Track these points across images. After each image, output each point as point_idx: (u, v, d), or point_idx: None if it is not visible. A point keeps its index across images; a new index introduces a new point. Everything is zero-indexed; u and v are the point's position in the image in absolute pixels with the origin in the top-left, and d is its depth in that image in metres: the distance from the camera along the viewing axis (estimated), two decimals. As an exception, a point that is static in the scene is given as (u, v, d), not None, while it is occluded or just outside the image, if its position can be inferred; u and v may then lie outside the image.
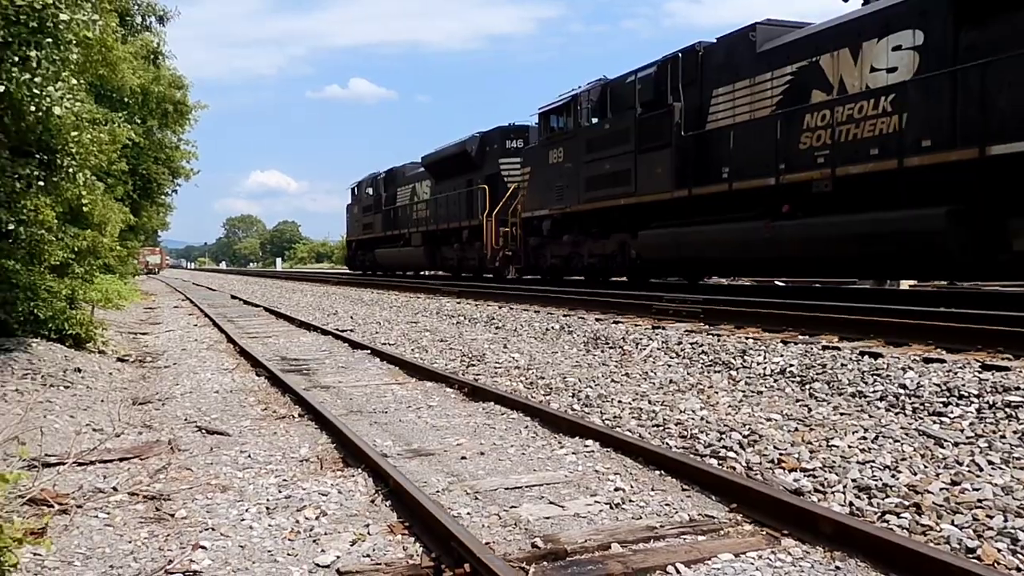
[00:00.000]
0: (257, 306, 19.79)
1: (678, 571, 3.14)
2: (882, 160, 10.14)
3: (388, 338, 11.16)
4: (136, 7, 20.58)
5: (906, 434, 4.72)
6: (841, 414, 5.31)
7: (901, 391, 5.58)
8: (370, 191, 34.55)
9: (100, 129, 9.25)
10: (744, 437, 4.88)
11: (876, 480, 3.99)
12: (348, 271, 40.73)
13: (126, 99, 17.44)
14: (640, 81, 15.15)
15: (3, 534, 3.08)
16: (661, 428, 5.30)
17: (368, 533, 3.61)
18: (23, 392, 6.57)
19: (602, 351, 8.60)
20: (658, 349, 8.19)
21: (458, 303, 15.85)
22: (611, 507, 3.87)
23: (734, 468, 4.41)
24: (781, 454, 4.53)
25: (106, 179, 14.69)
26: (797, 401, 5.77)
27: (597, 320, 10.84)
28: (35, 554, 3.35)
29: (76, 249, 11.19)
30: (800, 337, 8.06)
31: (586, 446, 4.94)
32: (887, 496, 3.82)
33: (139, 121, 19.20)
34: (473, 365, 8.34)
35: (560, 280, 19.32)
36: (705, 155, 13.51)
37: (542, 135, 19.04)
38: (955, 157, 9.20)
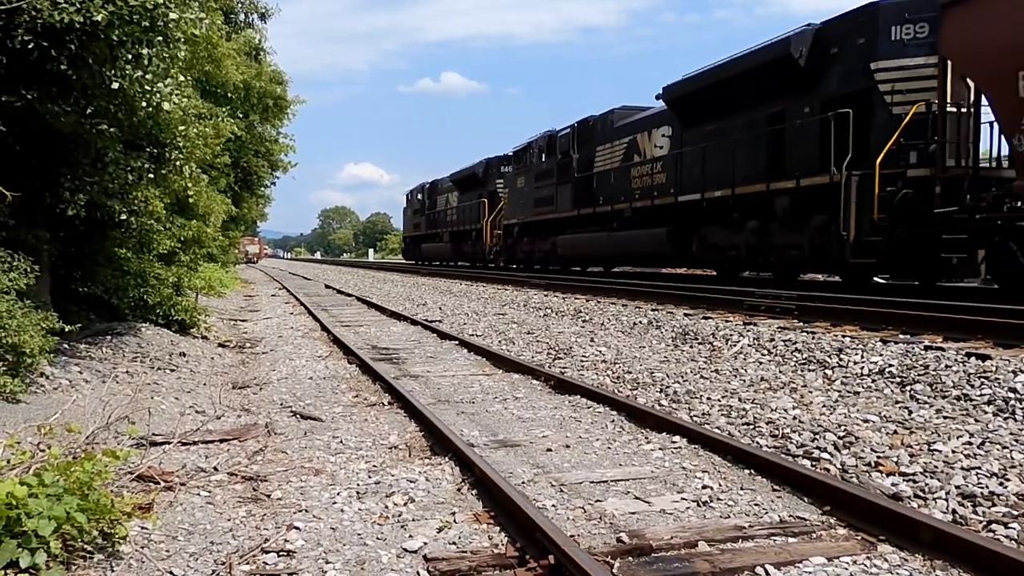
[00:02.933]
0: (349, 295, 20.29)
1: (767, 573, 3.07)
2: (657, 199, 17.57)
3: (476, 329, 11.27)
4: (239, 5, 21.35)
5: (1016, 440, 4.47)
6: (944, 417, 5.08)
7: (1011, 395, 5.29)
8: (420, 197, 43.00)
9: (205, 123, 9.65)
10: (839, 438, 4.73)
11: (982, 487, 3.81)
12: (404, 260, 51.39)
13: (229, 94, 18.13)
14: (560, 138, 23.22)
15: (114, 508, 3.26)
16: (751, 426, 5.19)
17: (454, 521, 3.66)
18: (133, 374, 6.93)
19: (691, 347, 8.47)
20: (749, 346, 8.01)
21: (545, 295, 15.87)
22: (698, 505, 3.82)
23: (828, 470, 4.28)
24: (878, 457, 4.37)
25: (210, 171, 15.29)
26: (896, 403, 5.55)
27: (686, 315, 10.68)
28: (143, 528, 3.53)
29: (182, 239, 11.71)
30: (901, 336, 7.74)
31: (673, 442, 4.88)
32: (994, 505, 3.63)
33: (241, 116, 19.91)
34: (559, 358, 8.34)
35: (530, 268, 26.65)
36: (589, 189, 21.26)
37: (514, 167, 27.58)
38: (669, 201, 16.89)
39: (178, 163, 7.78)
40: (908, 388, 5.85)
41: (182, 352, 8.61)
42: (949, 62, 10.56)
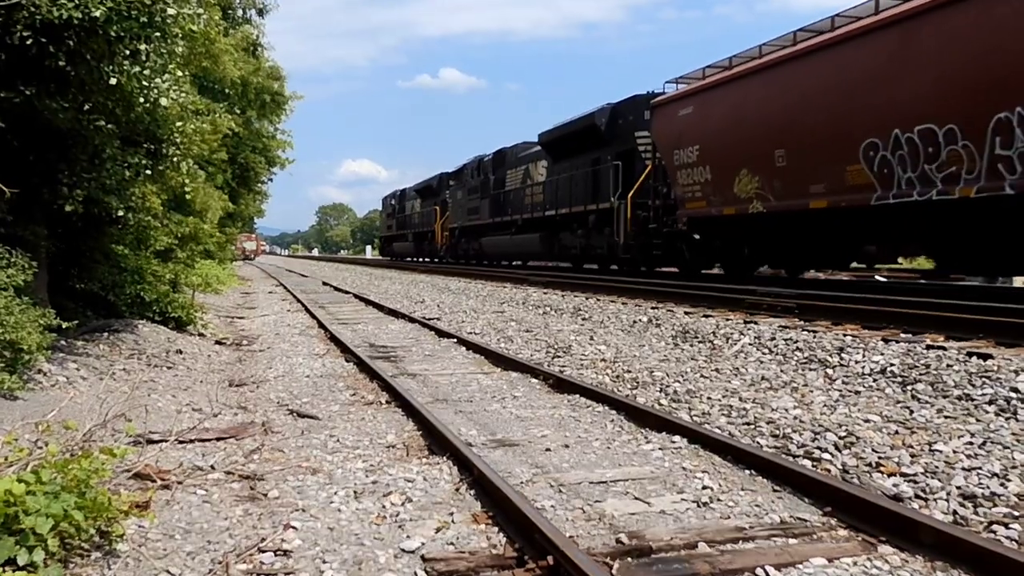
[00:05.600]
0: (347, 293, 20.29)
1: (768, 574, 3.07)
2: (536, 213, 25.25)
3: (474, 327, 11.27)
4: (237, 0, 21.33)
5: (1017, 440, 4.48)
6: (946, 417, 5.09)
7: (1013, 395, 5.30)
8: (392, 203, 49.40)
9: (203, 119, 9.64)
10: (840, 438, 4.74)
11: (983, 488, 3.81)
12: (379, 257, 58.48)
13: (227, 90, 18.11)
14: (484, 162, 31.20)
15: (111, 506, 3.27)
16: (752, 426, 5.20)
17: (452, 521, 3.67)
18: (129, 371, 6.93)
19: (691, 345, 8.47)
20: (750, 344, 8.01)
21: (544, 293, 15.87)
22: (698, 505, 3.82)
23: (829, 470, 4.28)
24: (880, 457, 4.37)
25: (207, 168, 15.29)
26: (898, 403, 5.55)
27: (687, 313, 10.68)
28: (140, 526, 3.54)
29: (179, 235, 11.72)
30: (902, 335, 7.74)
31: (673, 442, 4.88)
32: (995, 505, 3.64)
33: (239, 111, 19.91)
34: (559, 356, 8.34)
35: (468, 261, 34.24)
36: (502, 203, 28.90)
37: (455, 182, 35.68)
38: (540, 215, 24.67)
39: (175, 159, 7.78)
40: (909, 388, 5.86)
41: (179, 349, 8.61)
42: (655, 140, 18.12)
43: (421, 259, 44.38)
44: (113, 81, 5.92)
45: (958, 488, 3.84)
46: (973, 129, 10.24)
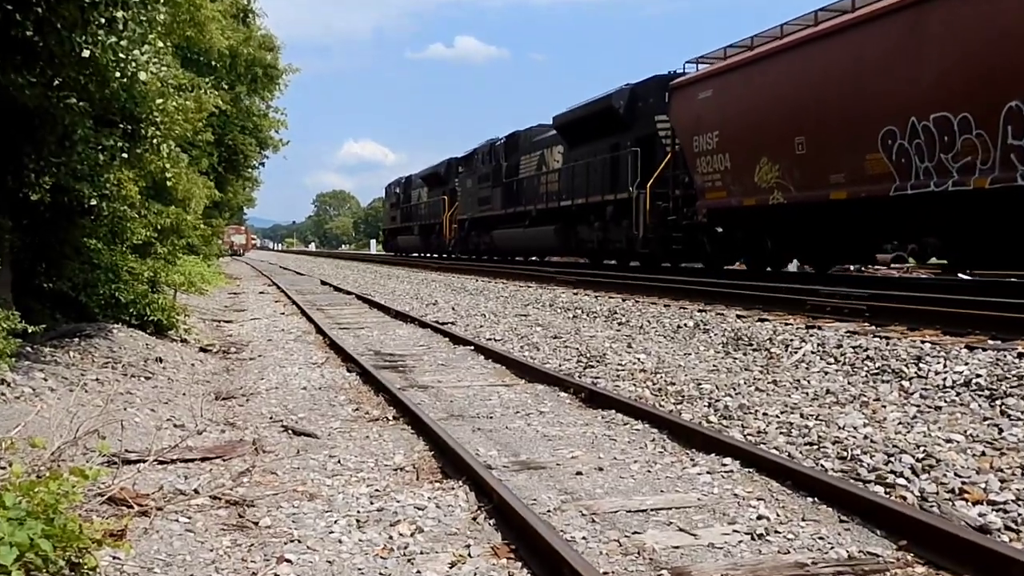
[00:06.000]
0: (349, 293, 20.40)
1: (832, 618, 3.05)
2: (551, 203, 26.33)
3: (494, 333, 11.29)
4: (225, -40, 21.48)
5: None
6: (1042, 438, 5.02)
7: (1121, 413, 5.22)
8: (397, 191, 50.83)
9: (186, 96, 9.73)
10: (917, 461, 4.70)
11: (1086, 521, 3.76)
12: (383, 253, 59.94)
13: (214, 62, 18.27)
14: (496, 147, 32.49)
15: (83, 534, 3.30)
16: (815, 447, 5.17)
17: (469, 555, 3.68)
18: (103, 382, 7.01)
19: (744, 354, 8.43)
20: (812, 353, 7.97)
21: (575, 294, 15.87)
22: (753, 538, 3.80)
23: (904, 498, 4.25)
24: (963, 483, 4.33)
25: (191, 150, 15.42)
26: (985, 420, 5.49)
27: (739, 317, 10.64)
28: (114, 557, 3.57)
29: (159, 227, 11.84)
30: (989, 342, 7.65)
31: (724, 465, 4.87)
32: (1100, 541, 3.59)
33: (226, 87, 20.07)
34: (591, 366, 8.34)
35: (479, 256, 35.94)
36: (515, 192, 30.07)
37: (465, 168, 36.83)
38: (556, 205, 25.85)
39: (155, 141, 7.86)
40: (999, 402, 5.79)
41: (158, 357, 8.69)
42: (673, 125, 19.27)
43: (428, 255, 45.44)
44: (86, 53, 5.99)
45: (1056, 520, 3.79)
46: (986, 118, 10.81)
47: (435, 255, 44.13)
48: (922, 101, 11.92)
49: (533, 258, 33.52)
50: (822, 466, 4.83)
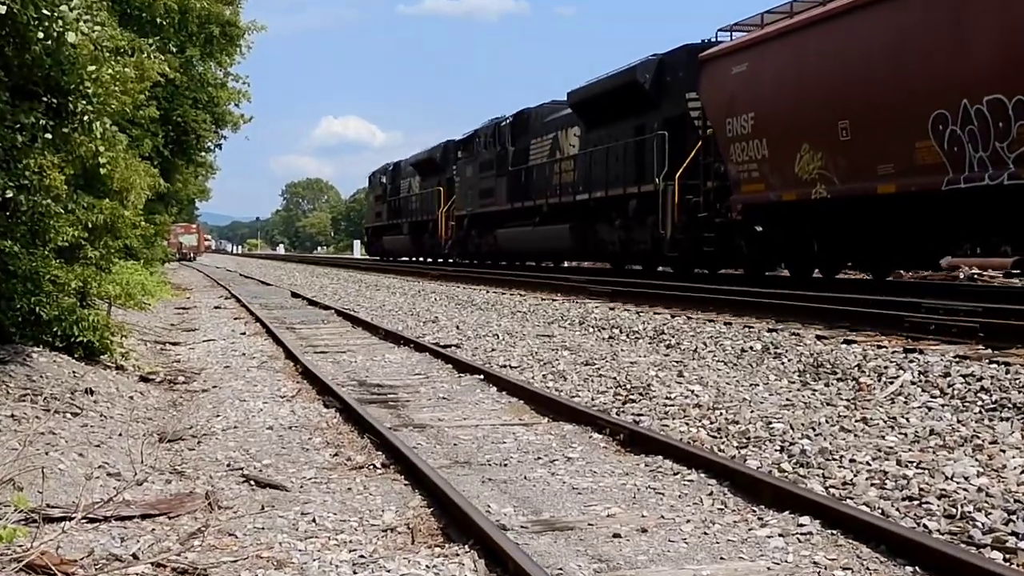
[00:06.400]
0: (327, 308, 20.45)
1: None
2: (565, 196, 27.10)
3: (509, 358, 11.28)
4: None
5: None
6: None
7: None
8: (383, 180, 51.79)
9: (125, 61, 9.77)
10: (1047, 522, 4.65)
11: None
12: (368, 257, 61.78)
13: (159, 19, 18.34)
14: (502, 129, 32.75)
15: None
16: (916, 502, 5.13)
17: (479, 638, 3.66)
18: (20, 419, 7.03)
19: (827, 384, 8.39)
20: (912, 383, 7.91)
21: (611, 308, 15.85)
22: (837, 619, 3.77)
23: (1031, 569, 4.21)
24: (1107, 551, 4.28)
25: (130, 129, 15.48)
26: None
27: (819, 338, 10.59)
28: (32, 641, 3.57)
29: (90, 225, 11.86)
30: None
31: (800, 525, 4.84)
32: None
33: (175, 50, 20.14)
34: (632, 400, 8.32)
35: (481, 262, 36.48)
36: (524, 182, 30.82)
37: (464, 155, 37.25)
38: (570, 199, 26.62)
39: (86, 119, 7.89)
40: None
41: (89, 388, 8.72)
42: (704, 104, 19.96)
43: (421, 259, 46.88)
44: (2, 9, 6.03)
45: None
46: None
47: (429, 259, 45.24)
48: (975, 81, 12.42)
49: (547, 263, 34.05)
50: (925, 527, 4.80)
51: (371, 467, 6.39)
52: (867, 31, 14.61)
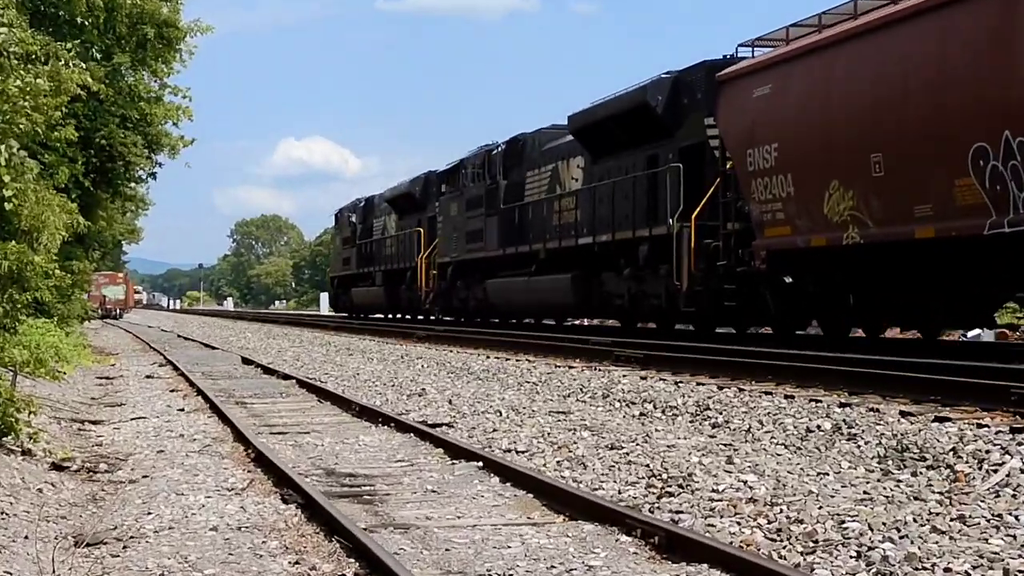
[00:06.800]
0: (287, 377, 20.41)
1: None
2: (566, 240, 27.88)
3: (515, 440, 11.24)
4: None
5: None
6: None
7: None
8: (352, 219, 53.93)
9: (37, 70, 9.85)
10: None
11: None
12: (335, 314, 64.18)
13: (79, 19, 18.53)
14: (493, 158, 33.39)
15: None
16: (1029, 625, 5.08)
17: None
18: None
19: (914, 473, 8.34)
20: (1022, 471, 7.87)
21: (643, 378, 15.81)
22: None
23: None
24: None
25: (43, 155, 15.57)
26: None
27: (903, 415, 10.55)
28: None
29: (-10, 275, 11.89)
30: None
31: (883, 654, 4.79)
32: None
33: (99, 56, 20.34)
34: (670, 494, 8.28)
35: (469, 319, 38.20)
36: (518, 222, 31.84)
37: (448, 188, 38.45)
38: (583, 242, 26.94)
39: (-13, 141, 7.94)
40: None
41: (-13, 479, 8.69)
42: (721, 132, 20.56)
43: (398, 316, 48.98)
44: None
45: None
46: None
47: (407, 316, 46.60)
48: (1018, 110, 12.97)
49: (550, 320, 34.71)
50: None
51: (341, 579, 6.36)
52: (905, 48, 15.17)
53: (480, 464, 9.87)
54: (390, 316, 49.56)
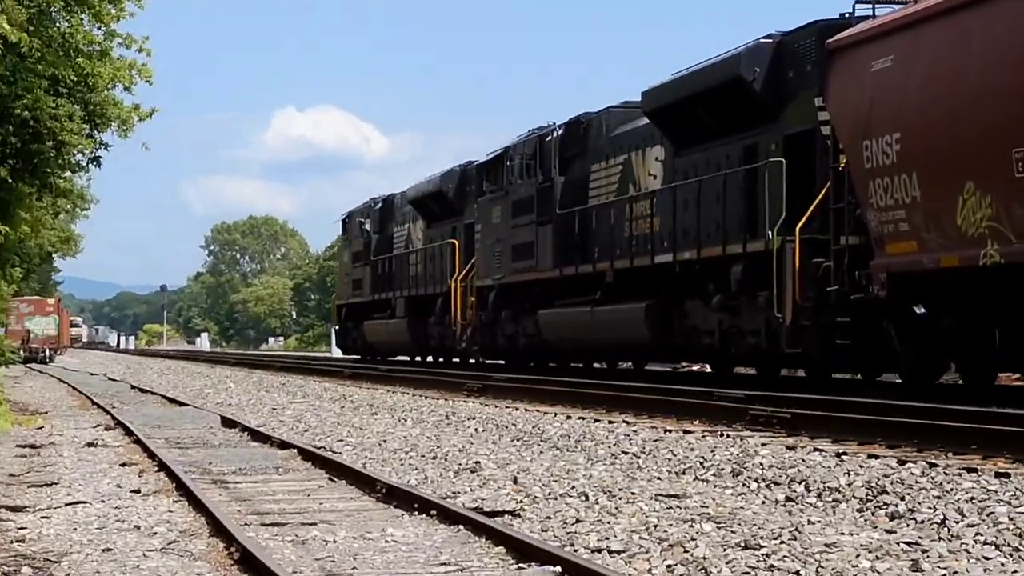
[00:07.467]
0: (287, 446, 20.48)
1: None
2: (640, 256, 29.24)
3: (608, 535, 11.18)
4: None
5: None
6: None
7: None
8: (365, 227, 56.09)
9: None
10: None
11: None
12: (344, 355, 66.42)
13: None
14: (546, 146, 34.26)
15: None
16: None
17: None
18: None
19: None
20: None
21: (789, 447, 15.74)
22: None
23: None
24: None
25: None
26: None
27: None
28: None
29: None
30: None
31: None
32: None
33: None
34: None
35: (519, 362, 39.02)
36: (578, 232, 32.74)
37: (488, 186, 39.47)
38: (661, 260, 28.12)
39: None
40: None
41: None
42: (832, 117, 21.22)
43: (428, 358, 49.65)
44: None
45: None
46: None
47: (440, 359, 47.66)
48: None
49: (625, 364, 36.03)
50: None
51: None
52: None
53: (558, 570, 9.84)
54: (419, 359, 50.25)
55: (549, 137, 33.83)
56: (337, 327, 66.02)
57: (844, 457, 14.53)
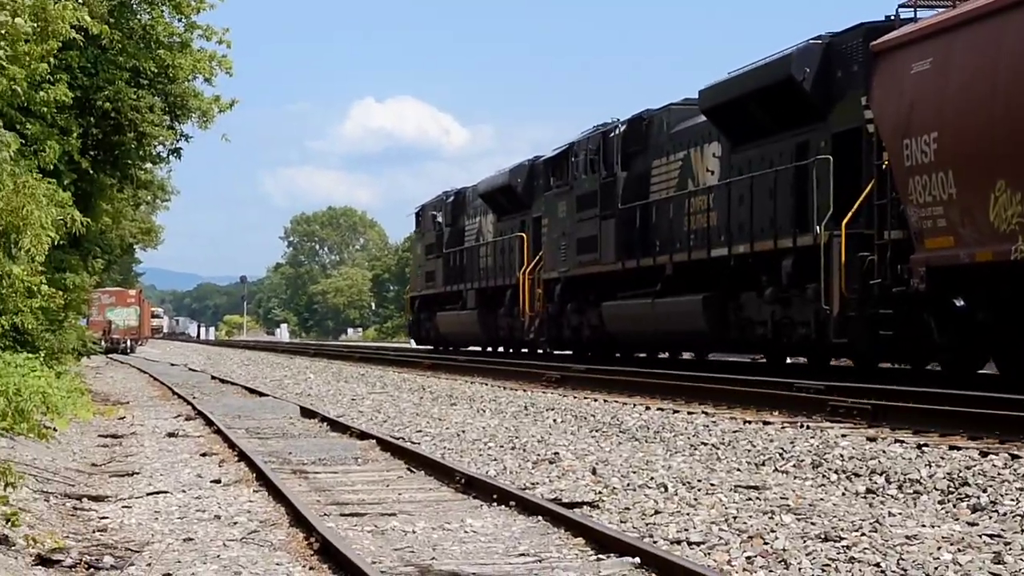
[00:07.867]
0: (366, 436, 20.48)
1: None
2: (697, 250, 30.55)
3: (687, 526, 11.12)
4: None
5: None
6: None
7: None
8: (438, 220, 56.85)
9: (15, 5, 10.01)
10: None
11: None
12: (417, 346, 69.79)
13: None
14: (610, 141, 35.22)
15: None
16: None
17: None
18: None
19: None
20: None
21: (870, 439, 15.63)
22: None
23: None
24: None
25: (23, 124, 15.83)
26: None
27: None
28: None
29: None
30: None
31: None
32: None
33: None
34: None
35: (584, 354, 40.16)
36: (639, 226, 33.76)
37: (555, 181, 40.65)
38: (717, 254, 29.43)
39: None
40: None
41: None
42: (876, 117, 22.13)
43: (494, 348, 50.91)
44: None
45: None
46: None
47: (510, 349, 49.02)
48: None
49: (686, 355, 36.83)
50: None
51: None
52: None
53: (637, 561, 9.80)
54: (490, 349, 51.08)
55: (612, 133, 34.99)
56: (411, 318, 67.25)
57: (925, 449, 14.44)
